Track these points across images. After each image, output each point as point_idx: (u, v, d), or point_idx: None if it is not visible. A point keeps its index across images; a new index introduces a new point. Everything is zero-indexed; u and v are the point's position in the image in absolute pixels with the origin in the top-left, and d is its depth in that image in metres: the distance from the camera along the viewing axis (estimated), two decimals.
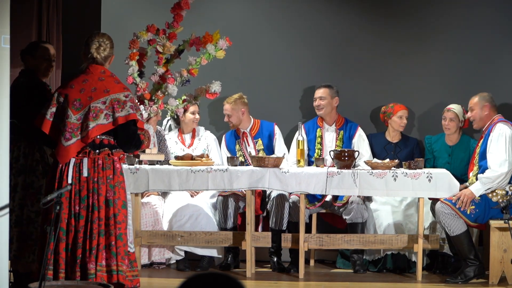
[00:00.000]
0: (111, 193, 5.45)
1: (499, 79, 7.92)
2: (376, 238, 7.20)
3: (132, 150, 5.64)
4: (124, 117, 5.45)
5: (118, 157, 5.52)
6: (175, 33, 6.02)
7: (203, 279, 2.84)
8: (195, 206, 7.58)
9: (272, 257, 7.47)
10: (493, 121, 7.00)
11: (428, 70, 8.12)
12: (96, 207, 5.42)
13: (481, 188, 6.85)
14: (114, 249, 5.42)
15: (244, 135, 7.84)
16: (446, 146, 7.73)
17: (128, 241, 5.53)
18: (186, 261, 7.51)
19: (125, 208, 5.49)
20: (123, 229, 5.46)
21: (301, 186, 7.02)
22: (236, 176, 7.03)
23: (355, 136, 7.81)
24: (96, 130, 5.43)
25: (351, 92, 8.12)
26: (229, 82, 8.23)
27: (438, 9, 8.10)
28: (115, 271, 5.42)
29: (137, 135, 5.56)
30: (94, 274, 5.37)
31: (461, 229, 6.86)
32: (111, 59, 5.68)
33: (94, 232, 5.41)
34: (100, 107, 5.45)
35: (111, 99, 5.46)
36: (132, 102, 5.50)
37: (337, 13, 8.23)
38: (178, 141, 7.91)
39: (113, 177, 5.46)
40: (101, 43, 5.59)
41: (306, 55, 8.23)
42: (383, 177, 6.96)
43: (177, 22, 6.05)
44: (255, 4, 8.35)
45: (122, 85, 5.56)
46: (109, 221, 5.44)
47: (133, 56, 6.00)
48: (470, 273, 6.88)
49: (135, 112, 5.48)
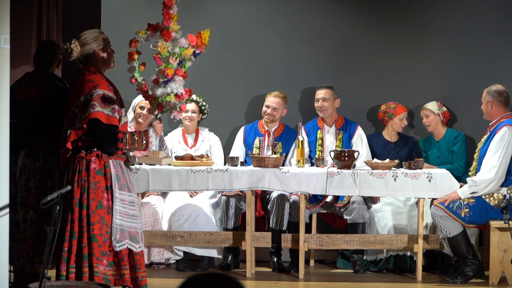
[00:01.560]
0: (85, 195, 5.43)
1: (499, 80, 7.89)
2: (376, 238, 7.20)
3: (108, 148, 5.53)
4: (86, 118, 5.44)
5: (96, 157, 5.48)
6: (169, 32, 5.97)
7: (203, 279, 2.84)
8: (194, 206, 7.57)
9: (272, 257, 7.47)
10: (501, 119, 6.97)
11: (426, 70, 8.12)
12: (69, 210, 5.43)
13: (467, 190, 6.86)
14: (85, 251, 5.40)
15: (267, 134, 7.84)
16: (434, 142, 7.86)
17: (115, 240, 5.47)
18: (186, 261, 7.51)
19: (100, 208, 5.44)
20: (97, 230, 5.42)
21: (301, 186, 7.02)
22: (236, 176, 7.03)
23: (354, 135, 7.81)
24: (73, 135, 5.47)
25: (349, 92, 8.12)
26: (228, 82, 8.24)
27: (437, 10, 8.10)
28: (85, 273, 5.38)
29: (110, 132, 5.47)
30: (64, 276, 5.36)
31: (457, 230, 6.85)
32: (96, 55, 5.61)
33: (66, 235, 5.41)
34: (75, 111, 5.49)
35: (81, 101, 5.46)
36: (97, 99, 5.43)
37: (336, 13, 8.23)
38: (181, 140, 7.90)
39: (87, 178, 5.45)
40: (66, 46, 5.57)
41: (305, 56, 8.23)
42: (383, 177, 6.96)
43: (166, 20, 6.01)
44: (255, 5, 8.34)
45: (95, 83, 5.48)
46: (81, 222, 5.43)
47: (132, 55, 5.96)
48: (470, 272, 6.88)
49: (101, 109, 5.42)
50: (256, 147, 7.82)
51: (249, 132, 7.91)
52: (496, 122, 6.99)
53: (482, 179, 6.81)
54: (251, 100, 8.21)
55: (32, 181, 5.95)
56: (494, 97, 7.00)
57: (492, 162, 6.82)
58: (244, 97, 8.24)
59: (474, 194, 6.85)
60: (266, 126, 7.87)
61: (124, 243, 5.49)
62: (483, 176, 6.82)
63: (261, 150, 7.80)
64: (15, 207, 5.89)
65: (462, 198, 6.85)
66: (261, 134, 7.86)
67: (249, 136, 7.89)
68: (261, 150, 7.80)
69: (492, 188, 6.83)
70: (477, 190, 6.84)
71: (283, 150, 7.79)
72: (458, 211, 6.83)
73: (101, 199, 5.43)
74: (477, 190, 6.84)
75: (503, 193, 6.86)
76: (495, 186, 6.83)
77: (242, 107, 8.25)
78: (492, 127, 7.01)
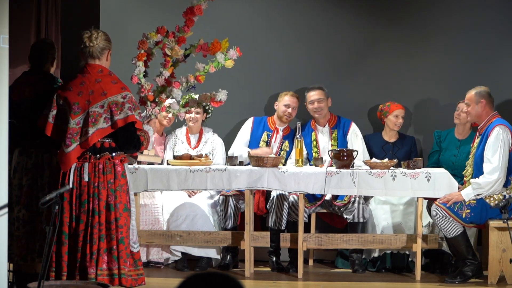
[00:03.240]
0: (112, 198, 5.43)
1: (497, 80, 7.91)
2: (375, 238, 7.20)
3: (131, 151, 5.60)
4: (123, 120, 5.41)
5: (119, 160, 5.50)
6: (185, 38, 6.01)
7: (202, 279, 2.84)
8: (192, 206, 7.56)
9: (271, 257, 7.47)
10: (490, 120, 6.97)
11: (425, 70, 8.12)
12: (97, 212, 5.41)
13: (471, 193, 6.84)
14: (115, 253, 5.42)
15: (276, 131, 7.85)
16: (455, 140, 7.76)
17: (132, 241, 5.52)
18: (185, 261, 7.51)
19: (126, 211, 5.47)
20: (124, 233, 5.45)
21: (299, 185, 7.03)
22: (235, 175, 7.03)
23: (349, 132, 7.80)
24: (96, 135, 5.41)
25: (348, 92, 8.13)
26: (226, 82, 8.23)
27: (437, 11, 8.10)
28: (116, 274, 5.41)
29: (137, 136, 5.53)
30: (94, 278, 5.37)
31: (457, 230, 6.85)
32: (108, 55, 5.60)
33: (95, 237, 5.40)
34: (98, 111, 5.41)
35: (109, 102, 5.42)
36: (130, 102, 5.45)
37: (334, 13, 8.23)
38: (184, 140, 7.89)
39: (114, 181, 5.44)
40: (93, 32, 5.57)
41: (304, 56, 8.23)
42: (382, 177, 6.96)
43: (188, 27, 6.05)
44: (254, 5, 8.34)
45: (120, 85, 5.50)
46: (110, 225, 5.43)
47: (141, 56, 5.97)
48: (469, 272, 6.88)
49: (133, 113, 5.44)
50: (264, 140, 7.82)
51: (258, 124, 7.91)
52: (485, 124, 6.96)
53: (487, 181, 6.79)
54: (250, 99, 8.21)
55: (24, 180, 5.96)
56: (486, 98, 6.99)
57: (493, 163, 6.80)
58: (243, 97, 8.24)
59: (478, 196, 6.84)
60: (277, 123, 7.86)
61: (138, 244, 5.58)
62: (487, 179, 6.79)
63: (268, 144, 7.81)
64: (11, 206, 5.90)
65: (467, 200, 6.83)
66: (270, 129, 7.87)
67: (257, 128, 7.89)
68: (268, 144, 7.81)
69: (496, 189, 6.81)
70: (482, 192, 6.82)
71: (289, 149, 7.80)
72: (459, 211, 6.83)
73: (126, 202, 5.47)
74: (482, 192, 6.83)
75: (503, 193, 6.85)
76: (499, 186, 6.82)
77: (241, 107, 8.24)
78: (482, 130, 6.99)
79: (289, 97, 7.81)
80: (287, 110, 7.80)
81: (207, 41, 6.33)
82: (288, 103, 7.81)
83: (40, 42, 6.53)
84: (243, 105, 8.22)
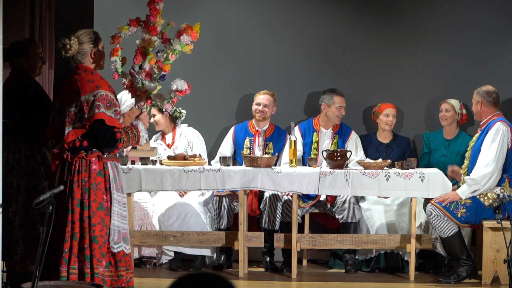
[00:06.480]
0: (86, 196, 5.42)
1: (492, 80, 7.91)
2: (368, 238, 7.20)
3: (108, 149, 5.53)
4: (91, 118, 5.43)
5: (96, 158, 5.49)
6: (155, 27, 5.96)
7: (193, 279, 2.84)
8: (183, 206, 7.56)
9: (265, 257, 7.48)
10: (492, 118, 6.98)
11: (420, 71, 8.13)
12: (70, 210, 5.42)
13: (467, 190, 6.83)
14: (87, 252, 5.39)
15: (258, 134, 7.84)
16: (443, 140, 7.78)
17: (112, 241, 5.48)
18: (178, 261, 7.50)
19: (101, 210, 5.43)
20: (98, 231, 5.42)
21: (293, 186, 7.03)
22: (229, 176, 7.03)
23: (348, 139, 7.81)
24: (72, 134, 5.45)
25: None
26: (219, 81, 8.23)
27: (430, 10, 8.11)
28: (88, 274, 5.38)
29: (110, 133, 5.48)
30: (65, 277, 5.35)
31: (452, 230, 6.86)
32: (91, 54, 5.57)
33: (66, 236, 5.39)
34: (74, 111, 5.45)
35: (81, 101, 5.44)
36: (100, 100, 5.42)
37: (329, 14, 8.23)
38: (161, 142, 7.90)
39: (88, 179, 5.43)
40: (66, 42, 5.56)
41: (296, 55, 8.23)
42: (376, 177, 6.97)
43: (153, 15, 6.01)
44: (246, 5, 8.33)
45: (95, 84, 5.47)
46: (83, 223, 5.42)
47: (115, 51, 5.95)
48: (463, 273, 6.89)
49: (104, 110, 5.42)
50: (247, 147, 7.82)
51: (239, 132, 7.91)
52: (487, 120, 6.99)
53: (481, 175, 6.79)
54: (242, 99, 8.21)
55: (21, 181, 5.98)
56: (483, 98, 7.00)
57: (489, 155, 6.81)
58: (234, 96, 8.24)
59: (475, 192, 6.83)
60: (256, 125, 7.86)
61: (121, 245, 5.52)
62: (481, 172, 6.79)
63: (251, 150, 7.80)
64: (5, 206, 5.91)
65: (463, 198, 6.84)
66: (251, 134, 7.86)
67: (239, 136, 7.90)
68: (251, 150, 7.80)
69: (492, 183, 6.80)
70: (478, 187, 6.82)
71: (274, 151, 7.78)
72: (455, 211, 6.83)
73: (101, 200, 5.44)
74: (478, 188, 6.82)
75: (497, 192, 6.86)
76: (495, 181, 6.81)
77: (233, 107, 8.25)
78: (483, 126, 7.01)
79: (261, 95, 7.83)
80: (257, 108, 7.82)
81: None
82: (259, 101, 7.83)
83: (13, 42, 6.46)
84: (234, 106, 8.22)
